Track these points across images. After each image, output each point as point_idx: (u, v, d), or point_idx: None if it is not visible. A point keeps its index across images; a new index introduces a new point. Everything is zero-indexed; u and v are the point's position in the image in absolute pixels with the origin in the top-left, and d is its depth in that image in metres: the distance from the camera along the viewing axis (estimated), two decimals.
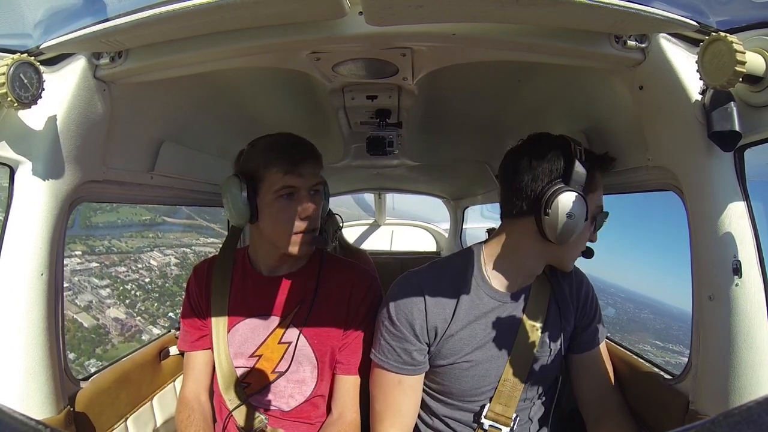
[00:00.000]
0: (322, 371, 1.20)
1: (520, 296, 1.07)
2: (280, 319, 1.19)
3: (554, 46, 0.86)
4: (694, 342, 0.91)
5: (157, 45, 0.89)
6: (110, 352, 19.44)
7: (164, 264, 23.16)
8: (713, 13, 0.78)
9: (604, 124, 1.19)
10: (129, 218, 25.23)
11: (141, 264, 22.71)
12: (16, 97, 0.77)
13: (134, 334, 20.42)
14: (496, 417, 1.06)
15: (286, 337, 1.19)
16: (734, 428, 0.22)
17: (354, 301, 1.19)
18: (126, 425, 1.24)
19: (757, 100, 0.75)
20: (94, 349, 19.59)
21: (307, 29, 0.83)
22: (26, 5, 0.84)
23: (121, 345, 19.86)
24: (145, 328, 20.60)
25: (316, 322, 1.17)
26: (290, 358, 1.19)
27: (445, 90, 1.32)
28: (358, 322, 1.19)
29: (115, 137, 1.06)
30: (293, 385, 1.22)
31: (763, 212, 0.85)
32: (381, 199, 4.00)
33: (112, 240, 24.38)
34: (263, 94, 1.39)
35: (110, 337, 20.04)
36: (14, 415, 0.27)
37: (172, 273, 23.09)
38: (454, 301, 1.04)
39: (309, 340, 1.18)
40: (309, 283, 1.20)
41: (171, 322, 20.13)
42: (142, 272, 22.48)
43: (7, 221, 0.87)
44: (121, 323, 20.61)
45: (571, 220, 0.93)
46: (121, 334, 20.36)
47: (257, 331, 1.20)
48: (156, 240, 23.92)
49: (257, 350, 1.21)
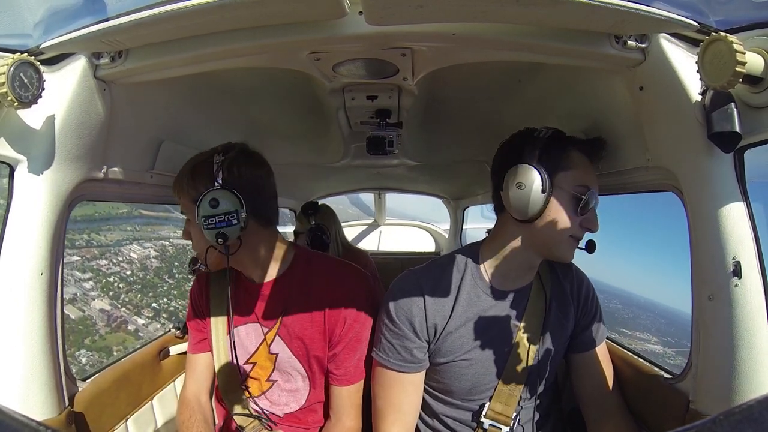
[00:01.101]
0: (313, 381, 1.20)
1: (520, 294, 1.07)
2: (268, 328, 1.18)
3: (554, 47, 0.86)
4: (694, 342, 0.91)
5: (157, 45, 0.89)
6: (98, 342, 19.93)
7: (144, 257, 23.42)
8: (713, 13, 0.78)
9: (604, 124, 1.19)
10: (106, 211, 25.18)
11: (121, 257, 23.04)
12: (16, 97, 0.77)
13: (120, 324, 20.86)
14: (495, 416, 1.06)
15: (274, 348, 1.19)
16: (735, 427, 0.22)
17: (333, 312, 1.13)
18: (126, 425, 1.24)
19: (758, 101, 0.75)
20: (83, 340, 19.87)
21: (307, 29, 0.83)
22: (26, 5, 0.84)
23: (108, 335, 20.32)
24: (130, 319, 21.05)
25: (298, 334, 1.15)
26: (280, 369, 1.20)
27: (445, 90, 1.32)
28: (342, 330, 1.13)
29: (115, 136, 1.06)
30: (287, 394, 1.22)
31: (763, 213, 0.85)
32: (381, 199, 4.00)
33: (91, 234, 24.49)
34: (263, 94, 1.39)
35: (97, 328, 20.40)
36: (15, 416, 0.27)
37: (152, 265, 23.39)
38: (453, 299, 1.05)
39: (294, 352, 1.17)
40: (293, 290, 1.16)
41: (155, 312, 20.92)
42: (123, 265, 22.83)
43: (6, 220, 0.87)
44: (107, 314, 21.04)
45: (521, 189, 0.94)
46: (107, 324, 20.80)
47: (250, 338, 1.21)
48: (134, 233, 24.10)
49: (251, 358, 1.21)
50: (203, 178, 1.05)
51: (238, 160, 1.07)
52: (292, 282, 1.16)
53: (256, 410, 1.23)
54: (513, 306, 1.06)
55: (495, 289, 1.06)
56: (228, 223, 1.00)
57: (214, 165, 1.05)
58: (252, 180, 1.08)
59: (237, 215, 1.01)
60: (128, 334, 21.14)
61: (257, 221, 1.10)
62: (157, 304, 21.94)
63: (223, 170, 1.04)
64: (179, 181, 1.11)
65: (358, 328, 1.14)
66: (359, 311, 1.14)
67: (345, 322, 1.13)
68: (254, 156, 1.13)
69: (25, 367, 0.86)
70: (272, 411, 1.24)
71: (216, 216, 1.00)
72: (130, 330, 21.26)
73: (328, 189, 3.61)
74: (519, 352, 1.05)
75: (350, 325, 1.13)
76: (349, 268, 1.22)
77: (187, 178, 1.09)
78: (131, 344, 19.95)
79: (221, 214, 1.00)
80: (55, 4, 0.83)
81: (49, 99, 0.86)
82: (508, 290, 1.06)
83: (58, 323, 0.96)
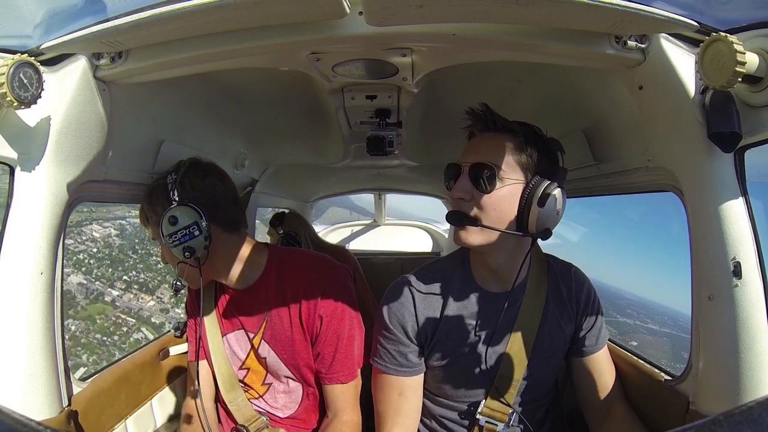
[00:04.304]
0: (306, 381, 1.21)
1: (514, 297, 1.05)
2: (253, 334, 1.20)
3: (554, 47, 0.86)
4: (694, 342, 0.91)
5: (157, 45, 0.89)
6: (81, 313, 22.10)
7: (106, 235, 25.43)
8: (713, 13, 0.78)
9: (603, 124, 1.19)
10: None
11: (85, 236, 24.68)
12: (16, 97, 0.77)
13: (97, 296, 23.26)
14: (491, 413, 1.07)
15: (262, 352, 1.20)
16: (735, 428, 0.22)
17: (308, 308, 1.13)
18: (126, 425, 1.24)
19: (757, 101, 0.75)
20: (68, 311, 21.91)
21: (307, 29, 0.83)
22: (26, 5, 0.85)
23: (89, 306, 22.63)
24: (105, 291, 23.48)
25: (281, 336, 1.16)
26: (272, 373, 1.21)
27: (445, 90, 1.32)
28: (320, 328, 1.13)
29: (115, 137, 1.06)
30: (284, 396, 1.24)
31: (763, 213, 0.85)
32: (381, 199, 4.00)
33: None
34: (263, 94, 1.39)
35: (77, 300, 22.50)
36: (14, 416, 0.27)
37: (115, 243, 25.51)
38: (444, 303, 1.05)
39: (279, 355, 1.18)
40: (269, 293, 1.17)
41: (126, 285, 23.74)
42: (88, 243, 24.68)
43: (7, 221, 0.87)
44: (85, 287, 23.26)
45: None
46: (86, 297, 23.08)
47: (240, 345, 1.22)
48: (91, 214, 25.38)
49: (244, 364, 1.23)
50: (160, 200, 1.08)
51: (189, 174, 1.09)
52: (269, 285, 1.17)
53: (257, 410, 1.24)
54: (506, 308, 1.05)
55: (486, 291, 1.06)
56: (190, 236, 1.03)
57: (168, 185, 1.07)
58: (205, 189, 1.09)
59: (198, 226, 1.03)
60: (106, 305, 23.25)
61: (222, 227, 1.11)
62: (127, 277, 24.15)
63: (176, 188, 1.06)
64: (141, 210, 1.14)
65: (336, 325, 1.14)
66: (335, 305, 1.14)
67: (322, 319, 1.13)
68: (204, 166, 1.14)
69: (25, 366, 0.86)
70: (273, 413, 1.25)
71: (178, 232, 1.03)
72: (108, 301, 23.43)
73: (328, 190, 3.61)
74: (512, 354, 1.05)
75: (328, 323, 1.13)
76: (320, 262, 1.21)
77: (146, 205, 1.12)
78: (110, 312, 22.57)
79: (182, 229, 1.03)
80: (56, 5, 0.83)
81: (49, 99, 0.86)
82: (500, 291, 1.06)
83: (58, 323, 0.96)
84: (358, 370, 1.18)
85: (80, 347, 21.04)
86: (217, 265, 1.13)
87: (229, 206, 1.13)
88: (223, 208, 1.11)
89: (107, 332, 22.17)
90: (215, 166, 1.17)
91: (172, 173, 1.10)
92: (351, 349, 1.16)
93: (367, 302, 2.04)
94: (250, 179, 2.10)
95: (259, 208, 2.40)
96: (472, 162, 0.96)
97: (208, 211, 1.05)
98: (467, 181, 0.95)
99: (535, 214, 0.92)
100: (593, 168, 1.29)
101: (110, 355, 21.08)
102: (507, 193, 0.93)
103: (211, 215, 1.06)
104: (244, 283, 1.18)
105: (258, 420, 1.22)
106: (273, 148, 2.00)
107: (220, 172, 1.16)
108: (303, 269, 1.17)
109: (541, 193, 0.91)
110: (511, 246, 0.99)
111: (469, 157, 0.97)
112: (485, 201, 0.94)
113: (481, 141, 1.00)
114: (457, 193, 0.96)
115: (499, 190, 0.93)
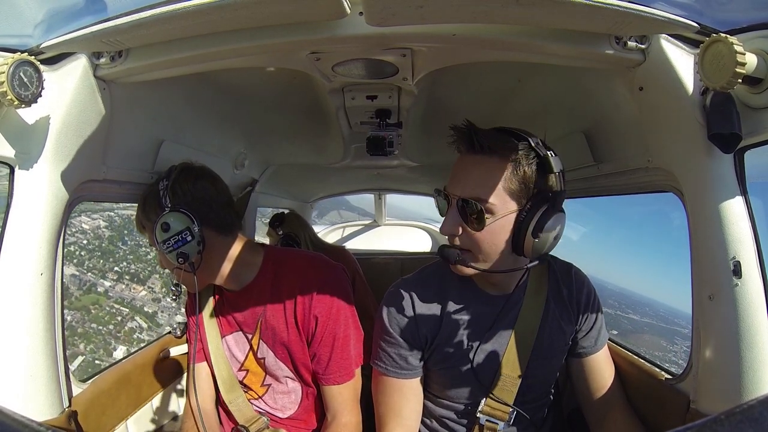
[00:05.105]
0: (305, 382, 1.21)
1: (513, 299, 1.05)
2: (251, 335, 1.19)
3: (554, 47, 0.86)
4: (695, 341, 0.91)
5: (157, 45, 0.89)
6: (75, 303, 22.67)
7: (95, 227, 25.83)
8: (713, 14, 0.78)
9: (604, 124, 1.19)
10: None
11: (75, 228, 25.05)
12: (16, 96, 0.77)
13: (90, 287, 23.80)
14: (492, 412, 1.07)
15: (260, 353, 1.20)
16: (736, 427, 0.22)
17: (303, 308, 1.13)
18: (126, 426, 1.24)
19: (758, 102, 0.76)
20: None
21: (307, 29, 0.83)
22: (27, 5, 0.84)
23: (83, 297, 23.20)
24: (97, 282, 24.03)
25: (278, 337, 1.16)
26: (271, 374, 1.21)
27: (445, 90, 1.32)
28: (316, 329, 1.13)
29: (115, 136, 1.06)
30: (283, 396, 1.24)
31: (763, 213, 0.85)
32: (381, 199, 4.00)
33: None
34: (263, 94, 1.39)
35: (71, 291, 23.03)
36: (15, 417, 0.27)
37: (105, 234, 25.94)
38: (443, 306, 1.05)
39: (278, 355, 1.18)
40: (265, 294, 1.16)
41: (118, 275, 24.24)
42: (78, 235, 25.07)
43: (7, 220, 0.87)
44: (78, 278, 23.86)
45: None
46: (79, 288, 23.67)
47: (239, 346, 1.22)
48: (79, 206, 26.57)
49: (243, 365, 1.23)
50: (153, 207, 1.08)
51: (180, 179, 1.09)
52: (264, 286, 1.17)
53: (258, 411, 1.24)
54: (505, 309, 1.05)
55: (484, 293, 1.06)
56: (183, 241, 1.03)
57: (159, 192, 1.07)
58: (197, 194, 1.09)
59: (190, 231, 1.03)
60: (99, 295, 23.78)
61: (215, 231, 1.11)
62: (118, 268, 24.58)
63: (168, 194, 1.06)
64: (137, 218, 1.14)
65: (331, 325, 1.13)
66: (330, 305, 1.13)
67: (317, 319, 1.13)
68: (195, 170, 1.14)
69: (25, 367, 0.86)
70: (273, 413, 1.25)
71: (171, 238, 1.03)
72: (100, 291, 23.93)
73: (328, 190, 3.61)
74: (513, 355, 1.05)
75: (323, 323, 1.13)
76: (316, 261, 1.21)
77: (140, 212, 1.12)
78: (104, 303, 22.96)
79: (174, 234, 1.03)
80: (56, 5, 0.84)
81: (49, 98, 0.86)
82: (499, 293, 1.06)
83: (58, 323, 0.96)
84: (355, 370, 1.18)
85: (77, 337, 21.39)
86: (212, 268, 1.13)
87: (221, 209, 1.13)
88: (216, 211, 1.11)
89: (102, 321, 22.65)
90: (207, 170, 1.16)
91: (164, 179, 1.10)
92: (347, 349, 1.15)
93: (367, 302, 2.04)
94: (250, 179, 2.10)
95: (259, 208, 2.40)
96: (460, 196, 0.92)
97: (200, 216, 1.05)
98: (457, 217, 0.93)
99: (530, 245, 0.90)
100: (593, 168, 1.29)
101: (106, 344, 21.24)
102: (499, 226, 0.91)
103: (204, 219, 1.06)
104: (240, 284, 1.18)
105: (258, 420, 1.22)
106: (273, 148, 2.00)
107: (212, 175, 1.16)
108: (299, 269, 1.17)
109: (534, 224, 0.88)
110: (510, 263, 0.97)
111: (457, 188, 0.93)
112: (477, 236, 0.92)
113: (470, 167, 0.94)
114: (447, 230, 0.95)
115: (490, 225, 0.90)
